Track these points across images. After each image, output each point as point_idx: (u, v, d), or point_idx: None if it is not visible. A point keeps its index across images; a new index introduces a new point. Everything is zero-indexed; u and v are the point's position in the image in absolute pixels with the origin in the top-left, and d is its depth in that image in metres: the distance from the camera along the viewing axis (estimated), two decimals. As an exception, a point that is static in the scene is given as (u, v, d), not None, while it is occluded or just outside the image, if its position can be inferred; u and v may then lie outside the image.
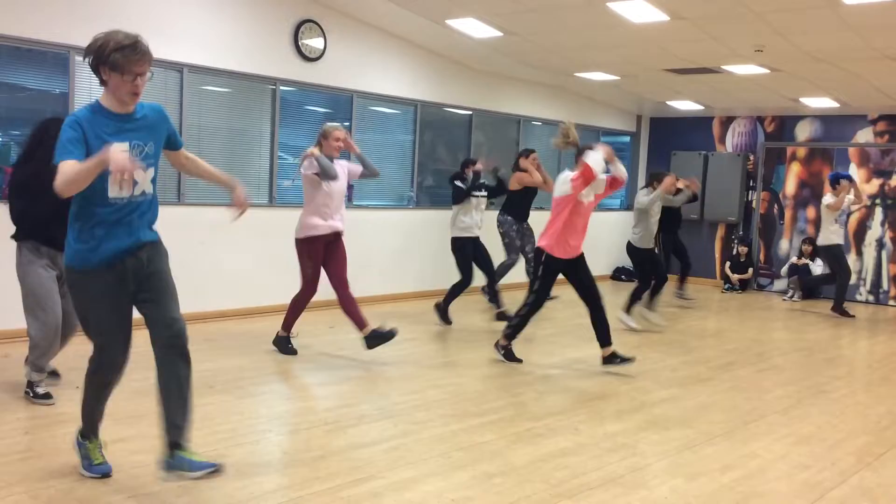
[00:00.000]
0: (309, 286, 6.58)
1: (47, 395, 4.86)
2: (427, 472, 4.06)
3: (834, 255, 10.31)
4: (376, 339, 6.41)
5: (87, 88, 7.08)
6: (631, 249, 8.90)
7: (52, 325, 4.78)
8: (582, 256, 6.56)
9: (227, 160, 8.40)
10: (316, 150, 6.38)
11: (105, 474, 3.72)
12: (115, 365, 3.62)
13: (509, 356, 6.69)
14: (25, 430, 4.44)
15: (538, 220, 9.40)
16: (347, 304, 6.48)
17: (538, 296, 6.55)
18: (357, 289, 6.74)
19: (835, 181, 10.24)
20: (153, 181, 3.51)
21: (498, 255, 9.17)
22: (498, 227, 9.17)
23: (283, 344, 6.64)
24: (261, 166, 8.63)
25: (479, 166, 8.29)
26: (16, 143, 7.17)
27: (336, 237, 6.56)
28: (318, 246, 6.50)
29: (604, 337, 6.54)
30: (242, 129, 8.48)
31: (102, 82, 3.37)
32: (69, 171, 3.14)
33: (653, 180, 8.82)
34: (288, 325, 6.66)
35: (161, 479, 3.56)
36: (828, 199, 10.18)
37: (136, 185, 3.41)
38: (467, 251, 8.20)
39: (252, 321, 8.06)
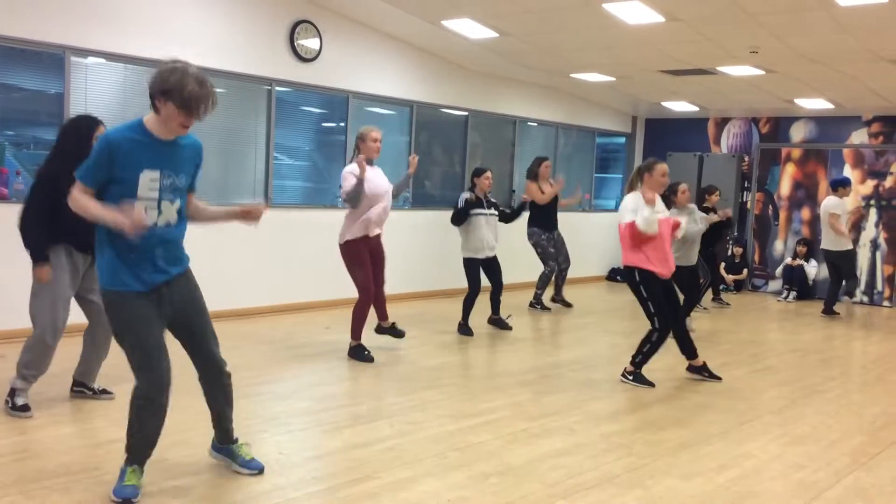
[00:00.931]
0: (364, 292, 6.52)
1: (25, 408, 4.66)
2: (423, 472, 4.07)
3: (849, 260, 10.34)
4: (386, 331, 6.93)
5: (82, 89, 7.08)
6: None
7: (51, 334, 4.66)
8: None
9: (223, 160, 8.40)
10: (357, 168, 6.28)
11: (127, 498, 3.49)
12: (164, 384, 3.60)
13: (639, 379, 6.19)
14: (21, 431, 4.42)
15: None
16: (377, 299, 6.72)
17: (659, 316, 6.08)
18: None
19: (838, 185, 10.26)
20: (179, 212, 3.58)
21: (532, 266, 9.33)
22: (529, 239, 9.44)
23: (360, 353, 6.54)
24: (256, 167, 8.62)
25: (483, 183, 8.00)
26: (11, 144, 7.16)
27: (377, 240, 6.62)
28: (361, 249, 6.50)
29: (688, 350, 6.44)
30: (238, 129, 8.48)
31: (154, 107, 3.39)
32: (81, 205, 3.29)
33: (705, 195, 8.92)
34: (356, 333, 6.57)
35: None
36: (833, 203, 10.19)
37: (160, 215, 3.45)
38: (474, 270, 7.94)
39: (248, 322, 8.05)
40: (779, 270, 12.33)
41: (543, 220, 9.37)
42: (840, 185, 10.30)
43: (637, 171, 6.23)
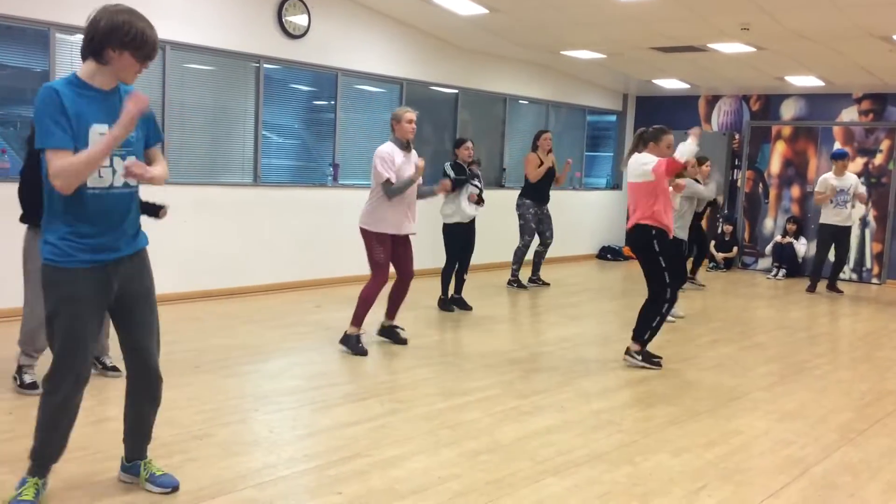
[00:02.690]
0: (380, 272, 6.17)
1: (33, 385, 4.65)
2: (414, 449, 4.07)
3: (818, 235, 10.43)
4: (387, 332, 6.54)
5: (67, 66, 7.00)
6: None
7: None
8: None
9: (211, 138, 8.34)
10: (417, 175, 6.10)
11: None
12: (81, 380, 3.19)
13: (648, 359, 6.05)
14: (9, 411, 4.41)
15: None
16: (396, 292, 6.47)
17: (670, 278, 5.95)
18: (344, 268, 6.72)
19: (832, 159, 10.34)
20: None
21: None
22: (517, 209, 9.40)
23: (353, 343, 6.10)
24: (245, 145, 8.56)
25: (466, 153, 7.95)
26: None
27: (405, 239, 6.31)
28: (385, 236, 6.17)
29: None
30: (226, 107, 8.41)
31: (99, 58, 3.01)
32: (71, 167, 2.87)
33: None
34: (359, 319, 6.15)
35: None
36: (820, 179, 10.32)
37: (115, 173, 3.08)
38: (458, 237, 7.90)
39: (237, 301, 8.03)
40: (768, 248, 12.37)
41: (536, 193, 9.35)
42: (832, 159, 10.37)
43: (640, 137, 6.15)
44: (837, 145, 11.94)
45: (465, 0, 8.62)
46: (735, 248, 12.69)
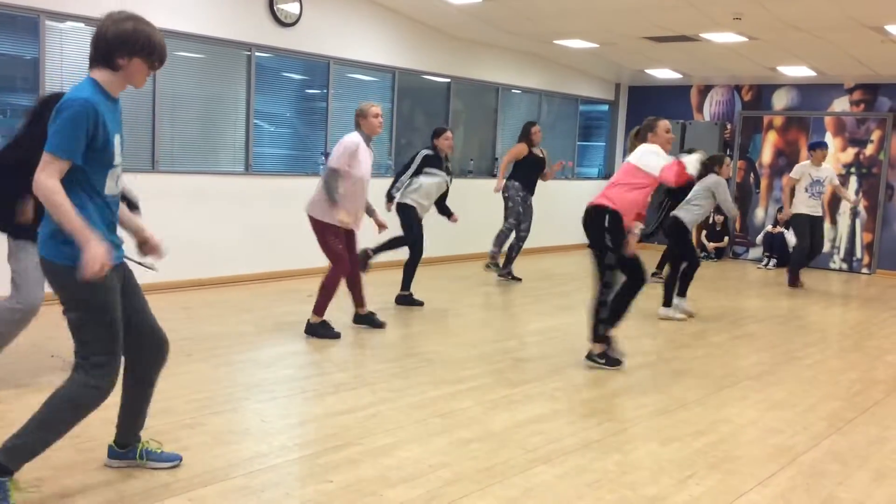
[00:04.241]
0: (340, 263, 6.11)
1: None
2: (404, 438, 4.09)
3: (794, 225, 10.19)
4: (364, 319, 6.55)
5: (57, 54, 6.97)
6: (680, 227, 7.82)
7: (26, 312, 4.52)
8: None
9: (202, 128, 8.32)
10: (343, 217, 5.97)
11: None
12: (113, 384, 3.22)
13: (611, 361, 5.69)
14: None
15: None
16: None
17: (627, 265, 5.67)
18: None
19: (814, 147, 10.20)
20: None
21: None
22: (504, 192, 9.08)
23: (322, 329, 6.13)
24: (236, 134, 8.54)
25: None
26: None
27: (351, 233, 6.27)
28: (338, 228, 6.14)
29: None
30: (217, 95, 8.38)
31: (109, 64, 3.04)
32: (54, 198, 2.88)
33: (713, 165, 7.99)
34: (321, 308, 6.13)
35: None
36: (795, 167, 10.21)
37: (118, 182, 3.19)
38: (416, 220, 7.52)
39: (229, 290, 8.02)
40: (759, 238, 12.41)
41: (526, 179, 9.06)
42: (810, 149, 10.16)
43: (636, 134, 5.95)
44: (829, 136, 11.98)
45: (457, -11, 8.62)
46: (726, 238, 12.72)
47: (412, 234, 7.48)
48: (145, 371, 3.45)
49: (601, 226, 5.59)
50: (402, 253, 7.63)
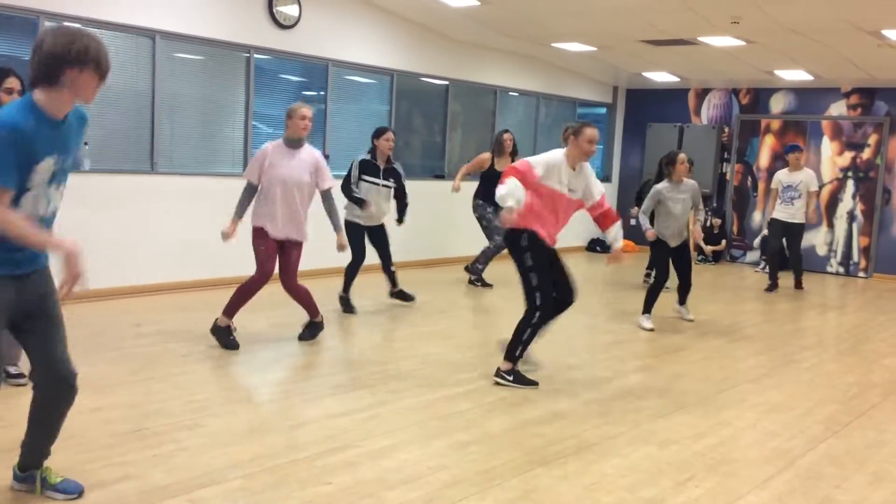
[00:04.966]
0: (259, 269, 5.85)
1: (20, 375, 4.54)
2: (403, 440, 4.09)
3: (768, 229, 10.06)
4: (313, 329, 6.12)
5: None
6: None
7: None
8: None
9: (201, 129, 8.32)
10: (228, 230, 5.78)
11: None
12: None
13: (519, 379, 5.24)
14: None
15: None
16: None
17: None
18: (329, 260, 6.69)
19: (788, 151, 10.00)
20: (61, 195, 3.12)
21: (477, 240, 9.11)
22: (474, 212, 8.89)
23: (225, 334, 5.77)
24: (235, 136, 8.54)
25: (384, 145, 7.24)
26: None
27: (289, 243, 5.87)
28: (261, 230, 5.85)
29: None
30: (216, 97, 8.38)
31: (55, 82, 2.85)
32: (2, 218, 2.77)
33: (667, 165, 7.42)
34: (232, 311, 5.82)
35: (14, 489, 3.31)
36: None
37: (49, 204, 3.01)
38: (357, 236, 7.21)
39: (227, 291, 7.98)
40: (757, 241, 12.42)
41: (489, 193, 8.78)
42: (785, 153, 10.03)
43: (565, 130, 5.42)
44: (826, 140, 12.00)
45: (456, -9, 8.62)
46: (723, 241, 12.74)
47: (353, 251, 7.20)
48: (49, 400, 3.20)
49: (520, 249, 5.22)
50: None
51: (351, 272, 7.28)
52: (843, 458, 4.22)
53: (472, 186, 9.06)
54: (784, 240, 9.94)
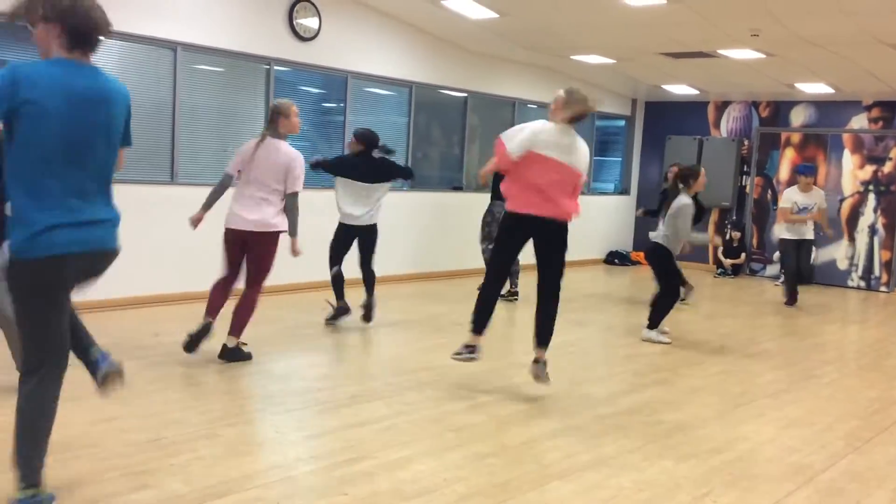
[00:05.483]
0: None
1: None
2: (420, 451, 4.08)
3: (780, 250, 10.03)
4: (234, 354, 5.65)
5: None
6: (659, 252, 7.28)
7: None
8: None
9: (221, 140, 8.37)
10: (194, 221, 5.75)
11: None
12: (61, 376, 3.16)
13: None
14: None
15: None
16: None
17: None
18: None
19: (800, 173, 9.82)
20: None
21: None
22: (492, 216, 8.61)
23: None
24: (254, 146, 8.58)
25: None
26: None
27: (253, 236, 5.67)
28: (227, 237, 5.81)
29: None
30: (235, 108, 8.44)
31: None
32: None
33: (689, 178, 7.24)
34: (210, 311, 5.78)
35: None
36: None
37: None
38: (336, 235, 7.20)
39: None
40: (776, 255, 12.32)
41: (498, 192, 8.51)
42: (797, 174, 9.83)
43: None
44: (847, 154, 11.91)
45: (475, 4, 8.65)
46: (743, 255, 12.66)
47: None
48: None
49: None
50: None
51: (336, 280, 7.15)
52: (864, 474, 4.17)
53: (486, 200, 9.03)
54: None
